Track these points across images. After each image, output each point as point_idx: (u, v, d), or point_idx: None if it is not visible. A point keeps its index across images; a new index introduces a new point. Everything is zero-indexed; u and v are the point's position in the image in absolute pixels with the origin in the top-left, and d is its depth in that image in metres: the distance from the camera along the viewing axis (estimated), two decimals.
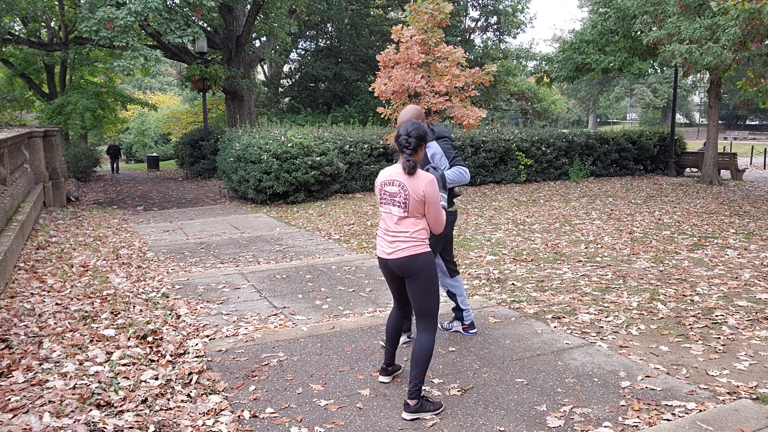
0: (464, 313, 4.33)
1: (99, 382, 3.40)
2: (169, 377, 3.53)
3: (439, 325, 4.39)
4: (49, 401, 3.13)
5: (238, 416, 3.14)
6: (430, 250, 3.22)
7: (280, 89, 29.04)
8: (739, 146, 29.91)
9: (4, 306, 4.81)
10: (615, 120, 60.83)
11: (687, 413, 3.12)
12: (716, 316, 4.65)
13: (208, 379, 3.58)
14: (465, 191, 13.68)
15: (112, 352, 3.86)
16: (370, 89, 12.27)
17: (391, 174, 3.20)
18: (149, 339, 4.15)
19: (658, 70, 18.73)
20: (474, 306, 4.98)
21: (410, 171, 3.09)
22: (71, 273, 6.13)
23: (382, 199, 3.23)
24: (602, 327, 4.46)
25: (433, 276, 3.20)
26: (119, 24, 12.57)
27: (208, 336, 4.35)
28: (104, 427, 2.90)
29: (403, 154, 3.13)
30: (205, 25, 18.98)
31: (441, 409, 3.17)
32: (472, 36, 28.23)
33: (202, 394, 3.38)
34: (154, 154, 28.44)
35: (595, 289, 5.49)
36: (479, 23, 28.63)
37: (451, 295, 4.35)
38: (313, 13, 24.41)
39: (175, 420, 3.04)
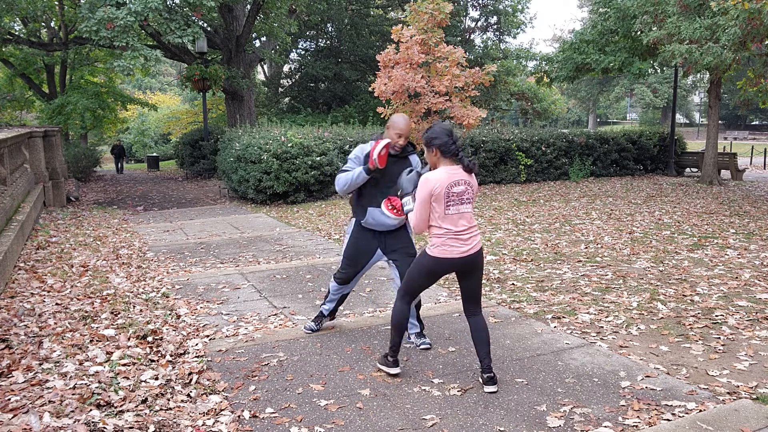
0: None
1: (99, 382, 3.40)
2: (169, 377, 3.53)
3: (308, 330, 4.39)
4: (49, 401, 3.13)
5: (238, 416, 3.14)
6: None
7: (280, 89, 29.04)
8: (740, 146, 29.89)
9: (4, 306, 4.81)
10: (615, 120, 60.82)
11: (687, 413, 3.12)
12: (716, 316, 4.65)
13: (208, 379, 3.58)
14: None
15: (112, 352, 3.86)
16: (370, 89, 12.26)
17: (451, 175, 3.28)
18: (149, 339, 4.15)
19: (658, 70, 18.72)
20: None
21: (473, 169, 3.31)
22: (71, 273, 6.13)
23: (450, 201, 3.27)
24: (602, 327, 4.46)
25: None
26: (119, 24, 12.57)
27: (208, 336, 4.35)
28: (104, 427, 2.90)
29: (457, 156, 3.30)
30: (205, 25, 18.97)
31: None
32: (472, 36, 28.22)
33: (202, 394, 3.38)
34: (154, 154, 28.44)
35: (595, 289, 5.49)
36: (479, 23, 28.63)
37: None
38: (313, 13, 24.41)
39: (175, 420, 3.04)
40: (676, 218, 9.45)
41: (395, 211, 3.88)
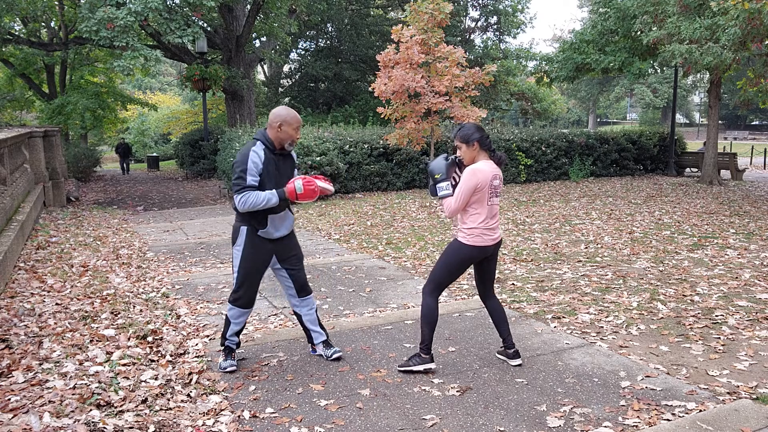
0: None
1: (99, 382, 3.40)
2: (169, 377, 3.53)
3: (227, 369, 3.70)
4: (49, 401, 3.13)
5: (238, 416, 3.14)
6: None
7: (280, 89, 29.04)
8: (740, 146, 29.90)
9: (4, 306, 4.81)
10: (615, 120, 60.83)
11: (687, 413, 3.12)
12: (716, 316, 4.65)
13: (208, 379, 3.58)
14: None
15: (112, 352, 3.86)
16: (370, 89, 12.26)
17: (493, 168, 3.53)
18: (149, 339, 4.15)
19: (658, 70, 18.73)
20: (475, 306, 4.97)
21: (504, 162, 3.62)
22: (71, 273, 6.13)
23: (492, 193, 3.53)
24: (602, 327, 4.46)
25: None
26: (119, 24, 12.58)
27: (208, 336, 4.35)
28: (104, 427, 2.90)
29: (491, 149, 3.57)
30: (205, 25, 18.98)
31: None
32: (472, 36, 28.23)
33: (202, 394, 3.38)
34: (154, 154, 28.45)
35: (595, 289, 5.49)
36: (479, 23, 28.64)
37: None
38: (313, 13, 24.41)
39: (175, 420, 3.04)
40: (676, 218, 9.45)
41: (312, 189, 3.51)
